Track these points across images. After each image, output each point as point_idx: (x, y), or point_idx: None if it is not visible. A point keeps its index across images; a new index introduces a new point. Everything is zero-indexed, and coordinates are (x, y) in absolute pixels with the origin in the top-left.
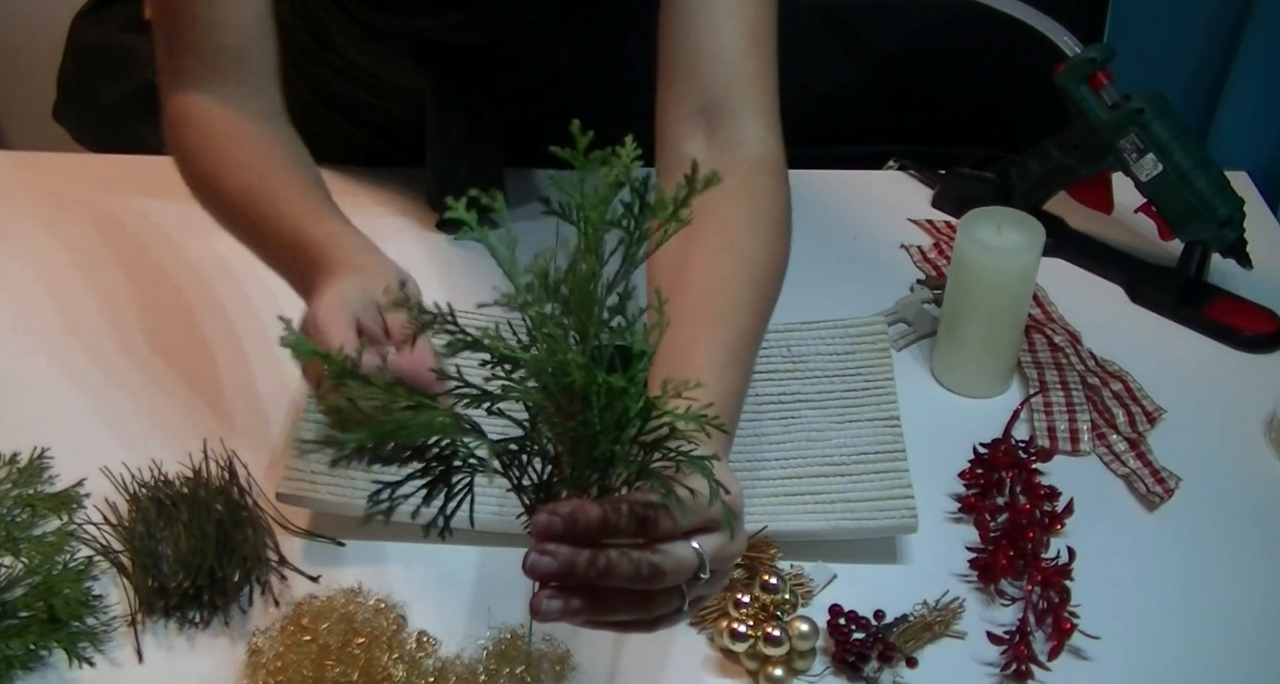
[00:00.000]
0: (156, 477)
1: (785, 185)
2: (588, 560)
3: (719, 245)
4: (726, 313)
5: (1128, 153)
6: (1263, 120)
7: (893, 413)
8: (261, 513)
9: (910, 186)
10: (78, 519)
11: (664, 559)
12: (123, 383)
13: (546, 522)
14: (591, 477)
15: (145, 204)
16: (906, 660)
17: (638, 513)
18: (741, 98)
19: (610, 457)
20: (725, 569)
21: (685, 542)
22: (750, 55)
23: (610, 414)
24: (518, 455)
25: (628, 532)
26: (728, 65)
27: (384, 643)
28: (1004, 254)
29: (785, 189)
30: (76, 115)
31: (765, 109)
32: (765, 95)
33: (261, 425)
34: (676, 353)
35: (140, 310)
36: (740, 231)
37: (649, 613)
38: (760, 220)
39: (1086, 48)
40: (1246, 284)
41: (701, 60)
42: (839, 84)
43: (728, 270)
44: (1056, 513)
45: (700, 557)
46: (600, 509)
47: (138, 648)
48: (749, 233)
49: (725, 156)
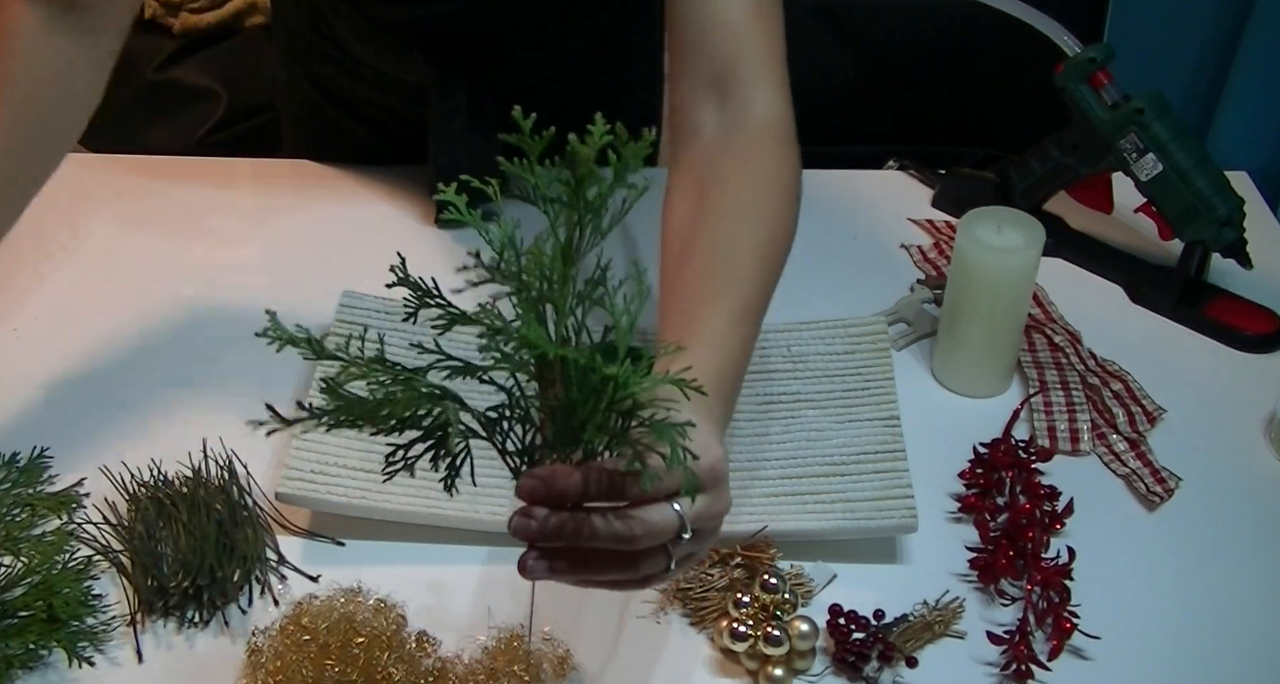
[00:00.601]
0: (156, 476)
1: (794, 149)
2: (569, 523)
3: (726, 211)
4: (730, 281)
5: (1128, 153)
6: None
7: (892, 413)
8: (261, 512)
9: (910, 186)
10: (78, 519)
11: (642, 522)
12: (123, 383)
13: (528, 484)
14: (572, 444)
15: (145, 204)
16: (906, 660)
17: (615, 478)
18: (750, 67)
19: (583, 425)
20: (710, 527)
21: (665, 503)
22: (756, 26)
23: (585, 384)
24: (504, 422)
25: (607, 495)
26: (735, 36)
27: (384, 643)
28: (1004, 254)
29: (794, 153)
30: None
31: (773, 76)
32: (773, 63)
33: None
34: (681, 319)
35: (140, 310)
36: (747, 197)
37: (635, 573)
38: (768, 184)
39: (1086, 48)
40: (1246, 284)
41: (709, 32)
42: (839, 84)
43: (734, 236)
44: (1056, 513)
45: (681, 518)
46: (578, 473)
47: (137, 648)
48: (756, 197)
49: (735, 124)
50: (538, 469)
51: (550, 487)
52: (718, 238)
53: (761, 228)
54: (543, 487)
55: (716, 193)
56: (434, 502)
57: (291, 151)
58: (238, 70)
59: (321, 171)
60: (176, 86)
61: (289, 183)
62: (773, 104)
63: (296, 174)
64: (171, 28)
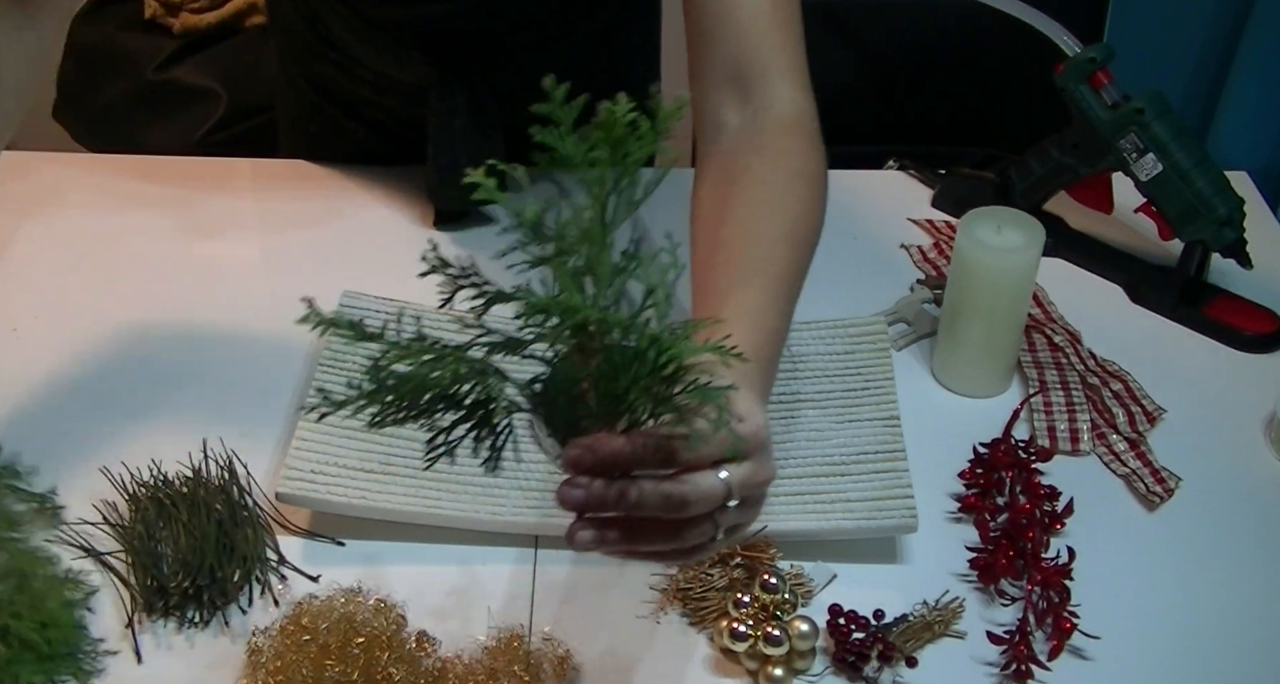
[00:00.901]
0: (156, 476)
1: (818, 141)
2: (616, 491)
3: (754, 201)
4: (762, 263)
5: (1128, 153)
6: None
7: (893, 413)
8: (261, 512)
9: (910, 186)
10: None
11: (690, 488)
12: (123, 383)
13: (575, 453)
14: (617, 411)
15: (145, 204)
16: (906, 660)
17: (662, 444)
18: (770, 63)
19: (627, 390)
20: (756, 496)
21: (712, 471)
22: (774, 21)
23: (627, 352)
24: (546, 394)
25: (653, 462)
26: (754, 33)
27: (383, 643)
28: (1004, 254)
29: (819, 145)
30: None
31: (794, 71)
32: (793, 58)
33: (261, 425)
34: (717, 300)
35: (139, 310)
36: (775, 188)
37: (682, 542)
38: (795, 176)
39: (1086, 48)
40: (1246, 284)
41: (728, 30)
42: (839, 84)
43: (763, 225)
44: (1056, 513)
45: (727, 485)
46: (623, 440)
47: (137, 648)
48: (784, 188)
49: (759, 119)
50: (583, 438)
51: (597, 454)
52: (747, 228)
53: (789, 216)
54: (589, 454)
55: (743, 186)
56: (434, 502)
57: (289, 152)
58: (238, 70)
59: (321, 172)
60: (176, 86)
61: (289, 183)
62: (796, 99)
63: (296, 174)
64: (171, 28)
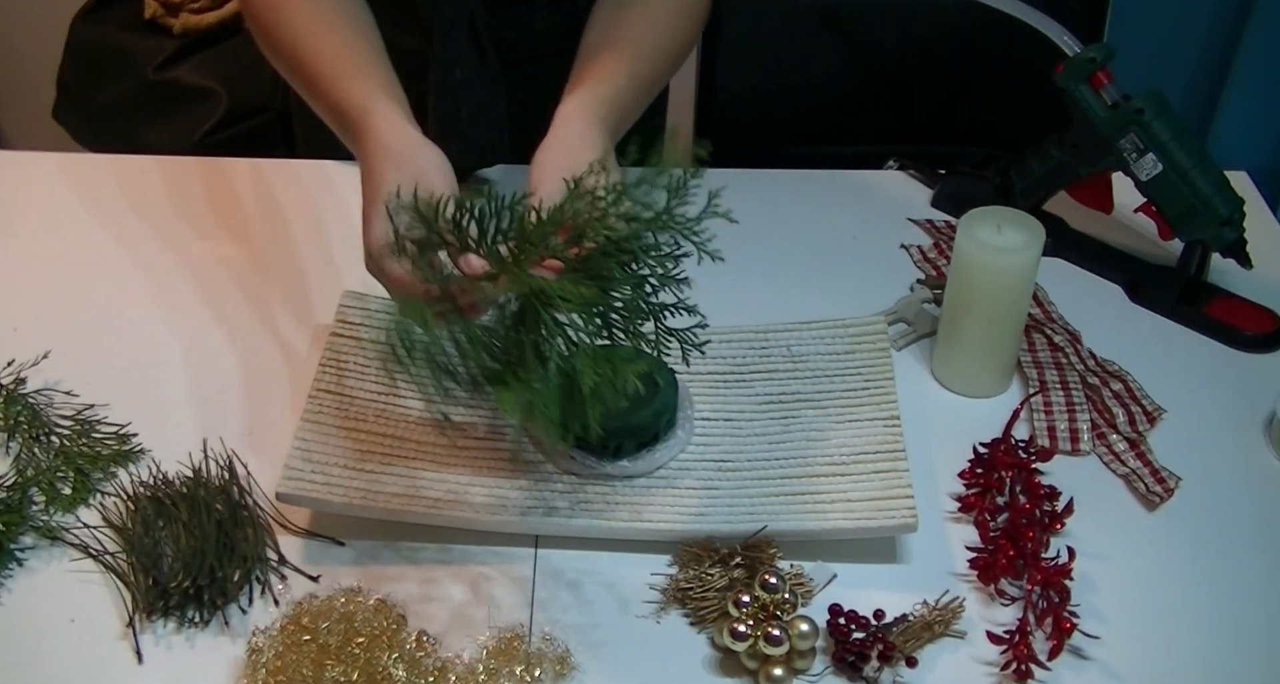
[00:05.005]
0: (156, 476)
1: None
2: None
3: (637, 17)
4: (632, 41)
5: (1128, 152)
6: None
7: (892, 413)
8: (261, 512)
9: (910, 186)
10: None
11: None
12: (122, 382)
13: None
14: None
15: (145, 204)
16: (906, 660)
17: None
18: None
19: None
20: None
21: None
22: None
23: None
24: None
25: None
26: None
27: (384, 643)
28: (1004, 254)
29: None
30: (76, 115)
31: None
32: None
33: (261, 425)
34: (590, 66)
35: (140, 310)
36: (659, 10)
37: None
38: (676, 5)
39: (1086, 47)
40: (1246, 284)
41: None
42: (839, 84)
43: (642, 27)
44: (1056, 513)
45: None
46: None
47: (137, 648)
48: (666, 11)
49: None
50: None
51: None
52: (628, 29)
53: (667, 23)
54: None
55: (631, 10)
56: (434, 501)
57: (305, 145)
58: (238, 70)
59: (321, 171)
60: (176, 86)
61: (289, 183)
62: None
63: (296, 174)
64: (171, 28)
